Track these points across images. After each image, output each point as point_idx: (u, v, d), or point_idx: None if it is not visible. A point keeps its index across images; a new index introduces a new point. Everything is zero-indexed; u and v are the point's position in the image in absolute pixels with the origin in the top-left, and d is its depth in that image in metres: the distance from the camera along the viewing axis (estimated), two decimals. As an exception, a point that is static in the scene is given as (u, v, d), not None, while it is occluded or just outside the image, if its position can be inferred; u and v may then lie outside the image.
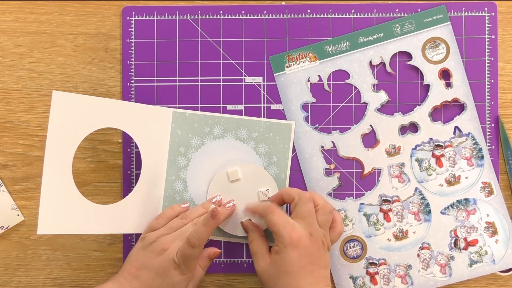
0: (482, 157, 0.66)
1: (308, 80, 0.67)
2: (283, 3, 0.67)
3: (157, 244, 0.59)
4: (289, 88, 0.67)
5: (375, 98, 0.66)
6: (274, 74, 0.67)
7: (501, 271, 0.66)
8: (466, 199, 0.66)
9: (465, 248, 0.66)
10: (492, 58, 0.66)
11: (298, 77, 0.67)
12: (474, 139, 0.66)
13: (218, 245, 0.66)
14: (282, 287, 0.56)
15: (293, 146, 0.66)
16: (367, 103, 0.67)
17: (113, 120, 0.62)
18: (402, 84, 0.67)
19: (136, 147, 0.65)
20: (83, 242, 0.67)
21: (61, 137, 0.60)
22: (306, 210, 0.58)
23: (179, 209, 0.63)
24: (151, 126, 0.65)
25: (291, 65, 0.67)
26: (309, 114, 0.67)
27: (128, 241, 0.66)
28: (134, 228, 0.64)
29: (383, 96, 0.66)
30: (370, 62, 0.66)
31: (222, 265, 0.67)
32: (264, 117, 0.67)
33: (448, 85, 0.66)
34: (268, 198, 0.65)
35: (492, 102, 0.66)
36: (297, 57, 0.67)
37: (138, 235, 0.65)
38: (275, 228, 0.57)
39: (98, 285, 0.59)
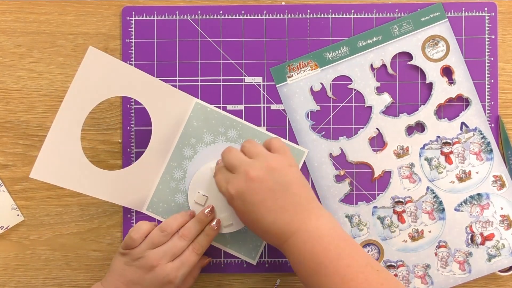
0: (491, 150, 0.66)
1: (311, 89, 0.67)
2: (283, 3, 0.67)
3: (144, 260, 0.59)
4: (292, 98, 0.67)
5: (379, 101, 0.66)
6: (277, 85, 0.66)
7: (500, 271, 0.66)
8: (478, 194, 0.66)
9: (482, 243, 0.65)
10: (492, 58, 0.66)
11: (301, 86, 0.67)
12: (481, 133, 0.66)
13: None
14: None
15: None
16: (371, 107, 0.66)
17: (136, 91, 0.62)
18: (405, 84, 0.67)
19: (136, 147, 0.65)
20: (83, 242, 0.67)
21: (83, 92, 0.60)
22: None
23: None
24: (171, 109, 0.64)
25: (292, 75, 0.67)
26: (315, 122, 0.67)
27: (128, 241, 0.66)
28: (123, 201, 0.64)
29: (387, 98, 0.66)
30: (371, 65, 0.66)
31: (222, 265, 0.67)
32: (264, 116, 0.66)
33: (451, 81, 0.66)
34: None
35: (492, 102, 0.66)
36: (298, 66, 0.66)
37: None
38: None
39: None
